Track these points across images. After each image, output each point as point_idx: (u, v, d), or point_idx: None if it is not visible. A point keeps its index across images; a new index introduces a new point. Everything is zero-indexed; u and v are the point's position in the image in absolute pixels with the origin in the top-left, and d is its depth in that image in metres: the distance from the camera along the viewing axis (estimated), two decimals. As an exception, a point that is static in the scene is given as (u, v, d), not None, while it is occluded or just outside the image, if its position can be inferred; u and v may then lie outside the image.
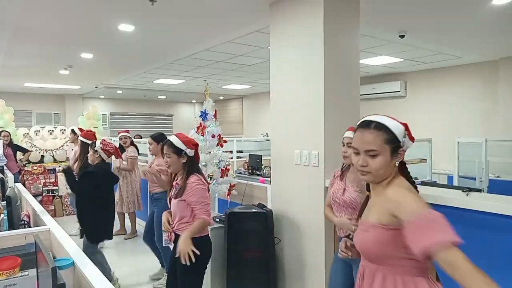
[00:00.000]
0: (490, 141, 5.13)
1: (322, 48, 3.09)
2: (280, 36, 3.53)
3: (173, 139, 2.61)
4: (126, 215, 5.84)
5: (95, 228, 3.57)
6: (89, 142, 3.89)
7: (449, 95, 7.54)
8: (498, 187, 4.99)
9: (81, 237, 3.74)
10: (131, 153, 5.45)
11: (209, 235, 2.65)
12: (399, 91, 8.15)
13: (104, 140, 3.77)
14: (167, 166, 2.63)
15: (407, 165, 1.59)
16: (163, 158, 2.67)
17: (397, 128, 1.46)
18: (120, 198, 5.54)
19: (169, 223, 2.64)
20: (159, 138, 4.03)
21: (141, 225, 5.64)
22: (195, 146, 2.65)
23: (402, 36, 5.00)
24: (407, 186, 1.46)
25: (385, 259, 1.41)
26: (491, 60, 6.88)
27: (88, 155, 3.63)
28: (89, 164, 3.65)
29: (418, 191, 1.50)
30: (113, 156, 3.75)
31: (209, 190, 2.82)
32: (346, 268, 2.38)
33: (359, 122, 1.51)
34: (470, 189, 2.41)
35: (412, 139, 1.52)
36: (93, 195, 3.47)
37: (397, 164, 1.47)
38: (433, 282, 1.44)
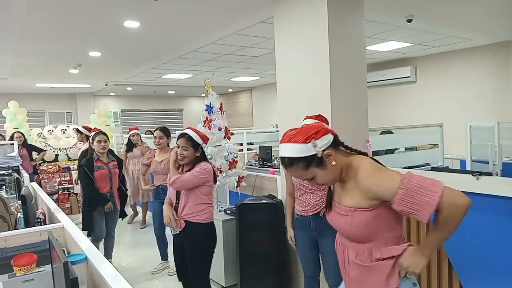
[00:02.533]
0: (503, 123, 5.04)
1: (327, 36, 3.06)
2: (284, 26, 3.51)
3: (191, 133, 2.68)
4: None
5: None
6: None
7: (461, 79, 7.41)
8: (512, 170, 4.93)
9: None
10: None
11: (213, 223, 2.80)
12: (409, 77, 8.03)
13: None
14: (181, 157, 2.66)
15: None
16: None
17: (302, 151, 1.45)
18: (135, 188, 5.76)
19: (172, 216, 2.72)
20: (169, 132, 4.14)
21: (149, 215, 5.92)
22: (207, 140, 2.81)
23: (409, 21, 4.92)
24: (368, 163, 1.50)
25: (372, 237, 1.48)
26: (502, 41, 6.72)
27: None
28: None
29: (374, 159, 1.57)
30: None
31: (215, 182, 2.90)
32: (313, 241, 2.62)
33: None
34: (481, 173, 2.38)
35: (324, 134, 1.49)
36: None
37: (334, 164, 1.48)
38: (404, 242, 1.53)
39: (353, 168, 1.50)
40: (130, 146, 5.92)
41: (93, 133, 4.12)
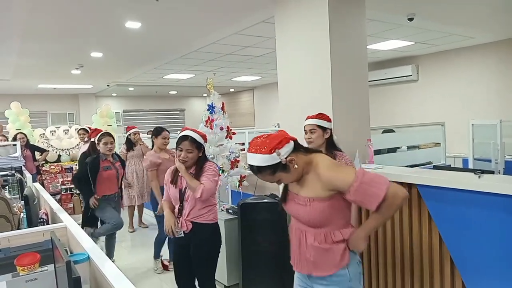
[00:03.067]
0: (506, 121, 5.03)
1: (328, 35, 3.06)
2: (285, 26, 3.51)
3: (193, 134, 2.61)
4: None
5: None
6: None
7: (463, 77, 7.39)
8: (515, 168, 4.92)
9: None
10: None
11: (218, 223, 2.78)
12: (411, 75, 8.02)
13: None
14: (184, 160, 2.58)
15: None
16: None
17: (268, 161, 1.66)
18: (131, 191, 5.68)
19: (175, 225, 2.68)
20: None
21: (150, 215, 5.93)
22: (206, 138, 2.80)
23: (411, 19, 4.91)
24: (327, 159, 1.76)
25: (327, 222, 1.73)
26: (505, 39, 6.70)
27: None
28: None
29: (332, 156, 1.95)
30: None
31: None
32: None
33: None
34: (483, 171, 2.38)
35: (286, 143, 1.71)
36: None
37: (296, 166, 1.70)
38: (352, 226, 1.81)
39: (312, 164, 1.74)
40: (130, 145, 5.85)
41: (99, 134, 4.12)
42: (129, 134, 5.78)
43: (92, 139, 4.32)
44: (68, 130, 8.49)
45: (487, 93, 7.02)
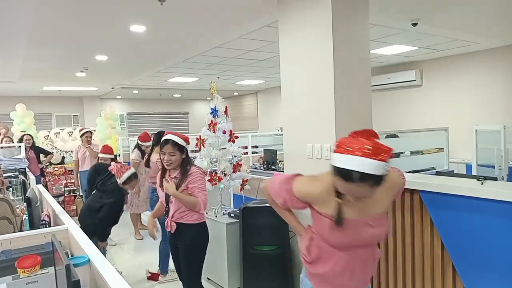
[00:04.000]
0: (510, 127, 5.00)
1: (331, 40, 3.06)
2: (288, 30, 3.52)
3: (174, 138, 2.73)
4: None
5: None
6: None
7: (467, 83, 7.36)
8: (519, 174, 4.89)
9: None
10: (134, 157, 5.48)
11: (205, 222, 2.86)
12: (415, 80, 8.00)
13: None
14: (168, 163, 2.71)
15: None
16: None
17: (379, 169, 1.40)
18: (135, 199, 5.65)
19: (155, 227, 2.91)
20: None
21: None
22: (189, 141, 2.87)
23: (414, 24, 4.91)
24: None
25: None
26: (510, 44, 6.67)
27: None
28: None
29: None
30: None
31: None
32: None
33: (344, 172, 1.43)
34: (485, 178, 2.36)
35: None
36: None
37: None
38: None
39: None
40: (143, 154, 5.47)
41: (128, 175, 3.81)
42: (142, 145, 5.56)
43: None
44: (72, 132, 8.55)
45: (491, 99, 6.99)
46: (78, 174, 6.57)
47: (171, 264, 4.02)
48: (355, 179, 1.37)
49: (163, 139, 2.76)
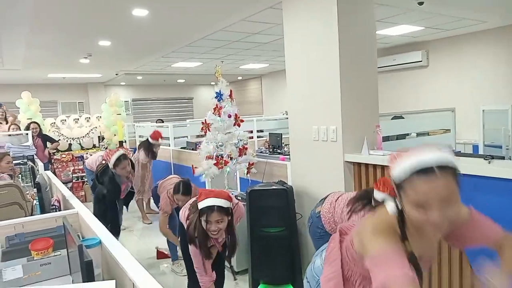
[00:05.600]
0: (517, 107, 4.95)
1: (336, 21, 3.03)
2: (292, 11, 3.48)
3: (220, 202, 2.27)
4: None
5: None
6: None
7: (474, 63, 7.26)
8: (527, 154, 4.86)
9: None
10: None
11: None
12: (421, 61, 7.90)
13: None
14: (217, 232, 2.30)
15: None
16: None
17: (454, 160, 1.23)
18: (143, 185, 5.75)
19: None
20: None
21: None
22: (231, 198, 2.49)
23: (420, 3, 4.82)
24: None
25: None
26: (518, 23, 6.55)
27: None
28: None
29: None
30: None
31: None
32: None
33: (422, 168, 1.18)
34: (493, 157, 2.36)
35: None
36: None
37: None
38: None
39: None
40: (154, 154, 5.68)
41: (115, 158, 3.95)
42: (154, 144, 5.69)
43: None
44: (78, 119, 8.59)
45: (499, 79, 6.90)
46: None
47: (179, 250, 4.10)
48: (436, 169, 1.15)
49: (204, 206, 2.27)
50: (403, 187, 1.20)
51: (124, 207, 4.51)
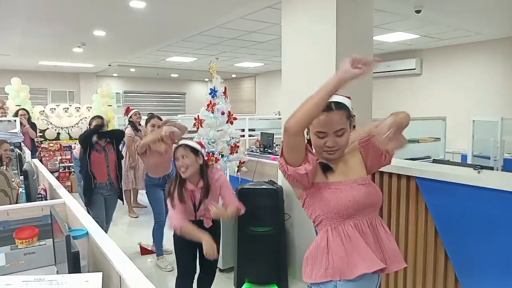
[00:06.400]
0: (507, 119, 5.02)
1: (335, 24, 3.03)
2: (291, 12, 3.47)
3: (187, 142, 2.66)
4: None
5: None
6: None
7: (467, 73, 7.36)
8: (513, 166, 4.93)
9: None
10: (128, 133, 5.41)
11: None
12: (415, 69, 7.99)
13: None
14: (184, 168, 2.51)
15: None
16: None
17: (346, 101, 1.63)
18: (129, 174, 5.63)
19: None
20: None
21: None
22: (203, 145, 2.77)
23: (418, 11, 4.87)
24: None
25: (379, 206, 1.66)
26: (511, 36, 6.65)
27: None
28: None
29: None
30: None
31: None
32: None
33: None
34: (482, 167, 2.38)
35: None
36: None
37: (350, 132, 1.63)
38: None
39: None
40: (135, 127, 5.52)
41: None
42: (130, 116, 5.63)
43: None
44: (68, 108, 8.47)
45: (490, 90, 7.00)
46: None
47: (165, 245, 4.07)
48: (333, 105, 1.57)
49: (174, 146, 2.67)
50: (312, 122, 1.54)
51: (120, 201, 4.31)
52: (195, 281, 2.80)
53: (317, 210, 1.60)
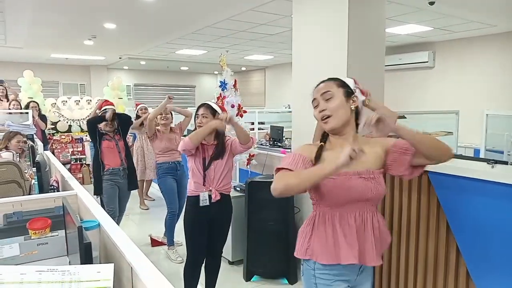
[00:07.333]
0: (521, 113, 4.93)
1: (347, 16, 2.99)
2: (303, 4, 3.43)
3: (210, 103, 2.85)
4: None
5: None
6: None
7: (480, 66, 7.22)
8: (527, 161, 4.84)
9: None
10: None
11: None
12: (427, 62, 7.86)
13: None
14: (200, 125, 2.73)
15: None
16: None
17: (346, 79, 1.68)
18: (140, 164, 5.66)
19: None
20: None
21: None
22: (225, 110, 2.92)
23: (431, 3, 4.78)
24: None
25: (375, 201, 1.65)
26: (527, 28, 6.51)
27: None
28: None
29: None
30: None
31: None
32: None
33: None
34: (496, 161, 2.34)
35: (363, 93, 1.77)
36: None
37: (352, 108, 1.62)
38: None
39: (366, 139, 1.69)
40: (142, 122, 5.69)
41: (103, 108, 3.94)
42: (137, 111, 5.62)
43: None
44: (79, 101, 8.54)
45: (505, 84, 6.87)
46: None
47: (176, 237, 4.11)
48: (326, 79, 1.67)
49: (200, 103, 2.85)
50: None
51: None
52: (201, 275, 2.85)
53: (312, 194, 1.67)
